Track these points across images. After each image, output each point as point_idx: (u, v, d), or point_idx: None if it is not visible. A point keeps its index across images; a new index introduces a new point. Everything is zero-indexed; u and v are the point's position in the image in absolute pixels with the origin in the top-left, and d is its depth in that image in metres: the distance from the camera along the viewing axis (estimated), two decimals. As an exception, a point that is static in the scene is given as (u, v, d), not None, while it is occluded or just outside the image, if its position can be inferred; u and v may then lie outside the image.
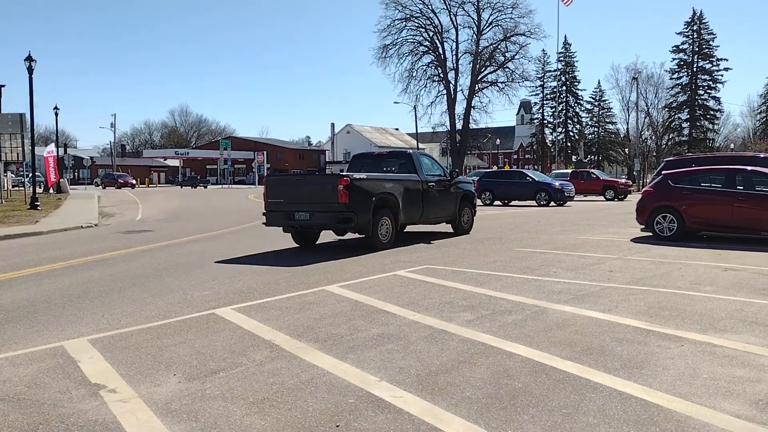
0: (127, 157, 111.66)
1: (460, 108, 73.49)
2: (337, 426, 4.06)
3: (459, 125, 73.49)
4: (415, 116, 74.37)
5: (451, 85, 72.63)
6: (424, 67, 73.15)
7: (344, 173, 13.26)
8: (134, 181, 70.34)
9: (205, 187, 56.28)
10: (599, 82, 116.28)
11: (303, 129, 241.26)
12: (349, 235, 15.19)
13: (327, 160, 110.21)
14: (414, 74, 72.42)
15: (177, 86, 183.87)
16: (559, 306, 7.45)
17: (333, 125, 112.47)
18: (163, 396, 4.61)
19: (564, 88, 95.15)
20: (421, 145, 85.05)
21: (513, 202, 33.73)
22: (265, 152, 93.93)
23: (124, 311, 7.47)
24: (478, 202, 33.20)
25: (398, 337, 6.14)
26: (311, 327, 6.56)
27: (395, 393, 4.63)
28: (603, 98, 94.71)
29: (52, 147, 40.86)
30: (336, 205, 12.28)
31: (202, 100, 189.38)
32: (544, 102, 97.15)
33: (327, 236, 15.41)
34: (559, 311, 7.19)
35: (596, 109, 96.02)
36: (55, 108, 54.20)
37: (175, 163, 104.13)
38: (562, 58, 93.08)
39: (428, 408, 4.34)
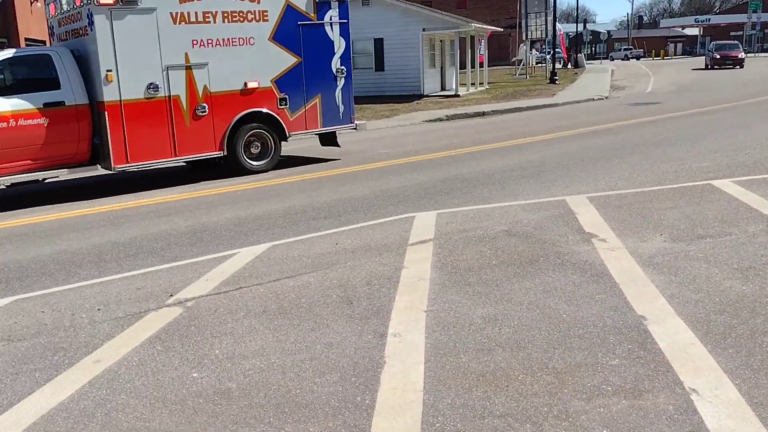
0: (643, 29, 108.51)
1: None
2: (831, 306, 3.75)
3: None
4: None
5: None
6: None
7: None
8: (742, 56, 40.81)
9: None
10: None
11: None
12: None
13: None
14: None
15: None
16: None
17: None
18: (647, 250, 4.95)
19: None
20: None
21: None
22: (808, 11, 78.47)
23: (621, 175, 7.93)
24: None
25: None
26: (824, 207, 5.84)
27: None
28: None
29: (562, 25, 43.00)
30: None
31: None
32: None
33: None
34: None
35: None
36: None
37: (694, 32, 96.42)
38: None
39: None
